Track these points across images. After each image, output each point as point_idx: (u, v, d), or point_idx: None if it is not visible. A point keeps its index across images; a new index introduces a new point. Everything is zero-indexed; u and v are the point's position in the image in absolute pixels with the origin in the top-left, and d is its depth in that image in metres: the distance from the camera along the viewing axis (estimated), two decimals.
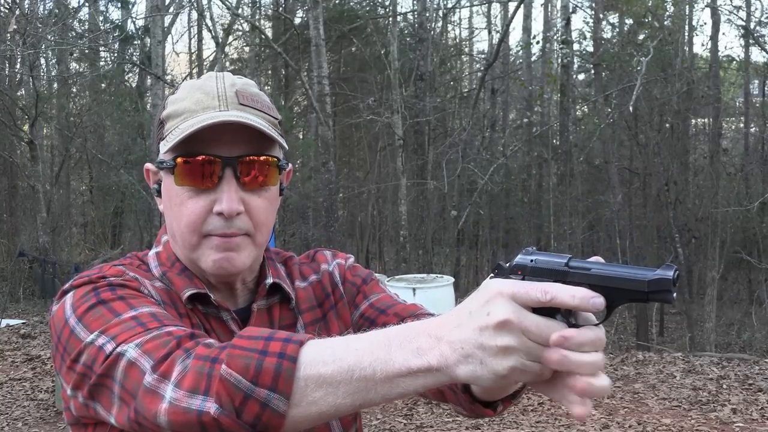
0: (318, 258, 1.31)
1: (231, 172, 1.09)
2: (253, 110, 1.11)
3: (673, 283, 0.80)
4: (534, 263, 0.86)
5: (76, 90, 17.54)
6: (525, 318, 0.81)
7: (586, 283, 0.82)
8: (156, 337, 0.95)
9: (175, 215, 1.13)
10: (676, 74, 15.24)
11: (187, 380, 0.88)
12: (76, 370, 1.00)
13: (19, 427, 6.13)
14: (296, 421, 0.87)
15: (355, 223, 21.37)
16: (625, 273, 0.82)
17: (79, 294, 1.05)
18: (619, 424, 5.78)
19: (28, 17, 13.48)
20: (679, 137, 16.25)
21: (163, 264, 1.18)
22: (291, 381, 0.85)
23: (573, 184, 16.38)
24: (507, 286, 0.82)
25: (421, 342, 0.84)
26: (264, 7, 20.97)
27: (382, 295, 1.27)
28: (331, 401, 0.85)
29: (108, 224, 17.50)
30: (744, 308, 15.90)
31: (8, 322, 10.43)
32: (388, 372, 0.84)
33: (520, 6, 14.78)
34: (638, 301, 0.83)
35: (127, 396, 0.94)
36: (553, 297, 0.81)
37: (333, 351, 0.87)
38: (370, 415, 6.20)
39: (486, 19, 22.95)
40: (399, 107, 13.99)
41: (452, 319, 0.85)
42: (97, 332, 0.99)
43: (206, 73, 1.23)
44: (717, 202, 14.69)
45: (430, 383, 0.84)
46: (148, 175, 1.20)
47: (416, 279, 7.49)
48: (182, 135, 1.07)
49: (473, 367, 0.82)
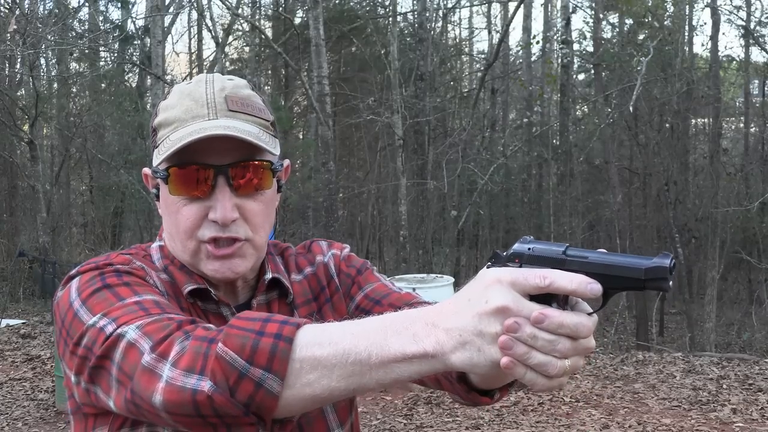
0: (314, 249, 1.31)
1: (224, 179, 1.10)
2: (243, 115, 1.12)
3: (669, 272, 0.80)
4: (531, 251, 0.86)
5: (76, 90, 17.52)
6: (523, 305, 0.81)
7: (584, 270, 0.83)
8: (157, 320, 0.96)
9: (173, 222, 1.15)
10: (676, 74, 15.25)
11: (184, 360, 0.88)
12: (78, 354, 1.00)
13: (19, 427, 6.13)
14: (290, 403, 0.87)
15: (355, 223, 21.37)
16: (622, 261, 0.82)
17: (85, 278, 1.06)
18: (619, 424, 5.78)
19: (28, 17, 13.46)
20: (679, 137, 16.25)
21: (166, 257, 1.19)
22: (286, 361, 0.85)
23: (573, 184, 16.37)
24: (505, 273, 0.83)
25: (417, 328, 0.84)
26: (264, 7, 20.99)
27: (376, 285, 1.27)
28: (326, 384, 0.85)
29: (108, 224, 17.47)
30: (744, 308, 15.90)
31: (8, 322, 10.42)
32: (384, 357, 0.84)
33: (520, 6, 14.77)
34: (635, 289, 0.83)
35: (123, 377, 0.94)
36: (552, 282, 0.81)
37: (329, 334, 0.87)
38: (370, 415, 6.20)
39: (486, 19, 22.98)
40: (399, 107, 13.99)
41: (450, 306, 0.85)
42: (99, 314, 1.00)
43: (199, 74, 1.23)
44: (717, 202, 14.69)
45: (425, 370, 0.84)
46: (147, 179, 1.21)
47: (416, 279, 7.49)
48: (173, 148, 1.08)
49: (470, 354, 0.82)
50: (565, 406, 6.24)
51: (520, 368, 0.81)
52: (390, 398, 6.65)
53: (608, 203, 16.01)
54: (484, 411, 6.14)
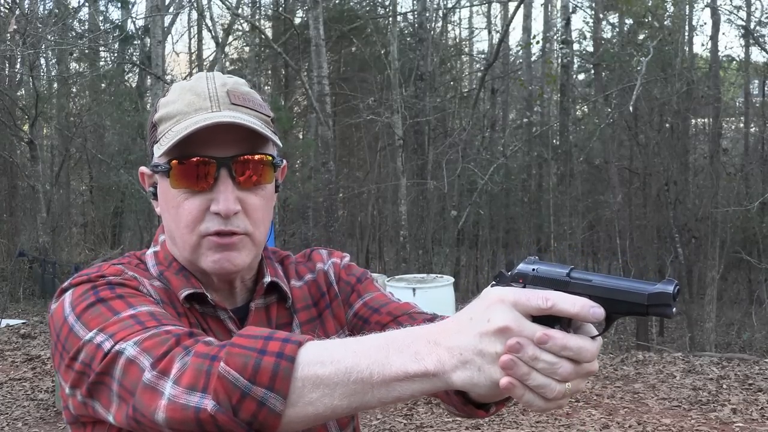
0: (314, 257, 1.31)
1: (226, 172, 1.09)
2: (245, 109, 1.11)
3: (673, 298, 0.81)
4: (536, 272, 0.86)
5: (76, 90, 17.53)
6: (525, 326, 0.81)
7: (587, 294, 0.82)
8: (154, 335, 0.95)
9: (173, 217, 1.13)
10: (676, 74, 15.25)
11: (186, 377, 0.88)
12: (74, 368, 1.00)
13: (19, 427, 6.13)
14: (292, 421, 0.87)
15: (355, 223, 21.38)
16: (626, 286, 0.82)
17: (78, 292, 1.06)
18: (619, 424, 5.78)
19: (28, 17, 13.46)
20: (679, 137, 16.25)
21: (161, 263, 1.18)
22: (288, 380, 0.85)
23: (573, 184, 16.37)
24: (508, 293, 0.82)
25: (419, 347, 0.84)
26: (264, 7, 20.98)
27: (375, 294, 1.27)
28: (328, 402, 0.85)
29: (108, 224, 17.49)
30: (744, 308, 15.91)
31: (8, 322, 10.42)
32: (385, 375, 0.84)
33: (520, 6, 14.77)
34: (638, 314, 0.83)
35: (125, 394, 0.94)
36: (554, 304, 0.81)
37: (331, 353, 0.87)
38: (370, 415, 6.20)
39: (486, 19, 22.97)
40: (399, 107, 13.99)
41: (452, 325, 0.85)
42: (95, 330, 0.99)
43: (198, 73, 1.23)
44: (717, 202, 14.69)
45: (427, 388, 0.84)
46: (143, 178, 1.20)
47: (416, 279, 7.48)
48: (176, 138, 1.07)
49: (470, 373, 0.82)
50: (565, 406, 6.24)
51: (520, 389, 0.81)
52: None
53: (608, 203, 16.01)
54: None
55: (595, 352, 0.83)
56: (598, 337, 0.84)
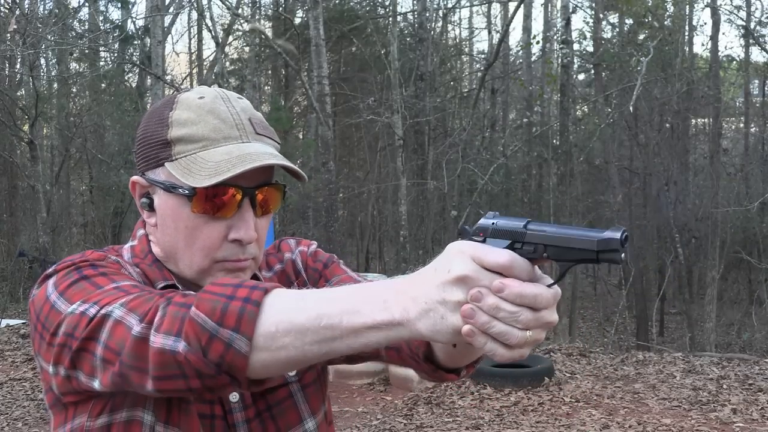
0: (282, 247, 1.34)
1: (248, 201, 1.13)
2: (267, 139, 1.15)
3: (621, 243, 0.83)
4: (495, 225, 0.90)
5: (76, 90, 17.52)
6: (482, 275, 0.83)
7: (542, 243, 0.86)
8: (139, 296, 0.99)
9: (184, 238, 1.14)
10: (676, 74, 15.26)
11: (165, 324, 0.92)
12: (55, 344, 1.01)
13: (19, 427, 6.13)
14: (267, 365, 0.90)
15: (355, 223, 21.38)
16: (577, 234, 0.85)
17: (61, 274, 1.08)
18: (619, 424, 5.78)
19: (28, 17, 13.46)
20: (679, 137, 16.27)
21: (136, 256, 1.20)
22: (253, 323, 0.88)
23: (573, 184, 16.37)
24: (468, 246, 0.86)
25: (388, 296, 0.87)
26: (264, 7, 20.98)
27: (343, 276, 1.29)
28: (299, 346, 0.88)
29: (108, 224, 17.47)
30: (744, 308, 15.92)
31: (8, 322, 10.42)
32: (354, 323, 0.86)
33: (520, 6, 14.77)
34: (589, 262, 0.85)
35: (111, 355, 0.96)
36: (510, 260, 0.84)
37: (303, 300, 0.91)
38: (370, 415, 6.20)
39: (486, 19, 22.99)
40: (399, 107, 13.99)
41: (418, 277, 0.87)
42: (78, 302, 1.01)
43: (200, 86, 1.23)
44: (717, 202, 14.69)
45: (393, 337, 0.87)
46: (135, 187, 1.20)
47: None
48: (228, 174, 1.06)
49: (433, 321, 0.84)
50: (565, 406, 6.24)
51: (481, 337, 0.83)
52: (390, 398, 6.66)
53: (608, 203, 16.02)
54: (485, 411, 6.14)
55: (552, 300, 0.85)
56: (554, 285, 0.87)
